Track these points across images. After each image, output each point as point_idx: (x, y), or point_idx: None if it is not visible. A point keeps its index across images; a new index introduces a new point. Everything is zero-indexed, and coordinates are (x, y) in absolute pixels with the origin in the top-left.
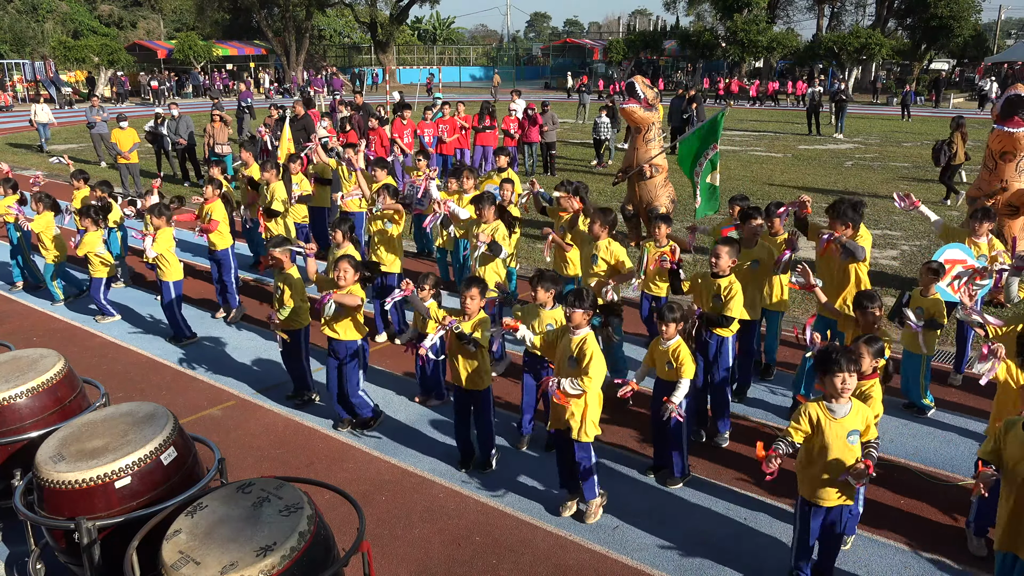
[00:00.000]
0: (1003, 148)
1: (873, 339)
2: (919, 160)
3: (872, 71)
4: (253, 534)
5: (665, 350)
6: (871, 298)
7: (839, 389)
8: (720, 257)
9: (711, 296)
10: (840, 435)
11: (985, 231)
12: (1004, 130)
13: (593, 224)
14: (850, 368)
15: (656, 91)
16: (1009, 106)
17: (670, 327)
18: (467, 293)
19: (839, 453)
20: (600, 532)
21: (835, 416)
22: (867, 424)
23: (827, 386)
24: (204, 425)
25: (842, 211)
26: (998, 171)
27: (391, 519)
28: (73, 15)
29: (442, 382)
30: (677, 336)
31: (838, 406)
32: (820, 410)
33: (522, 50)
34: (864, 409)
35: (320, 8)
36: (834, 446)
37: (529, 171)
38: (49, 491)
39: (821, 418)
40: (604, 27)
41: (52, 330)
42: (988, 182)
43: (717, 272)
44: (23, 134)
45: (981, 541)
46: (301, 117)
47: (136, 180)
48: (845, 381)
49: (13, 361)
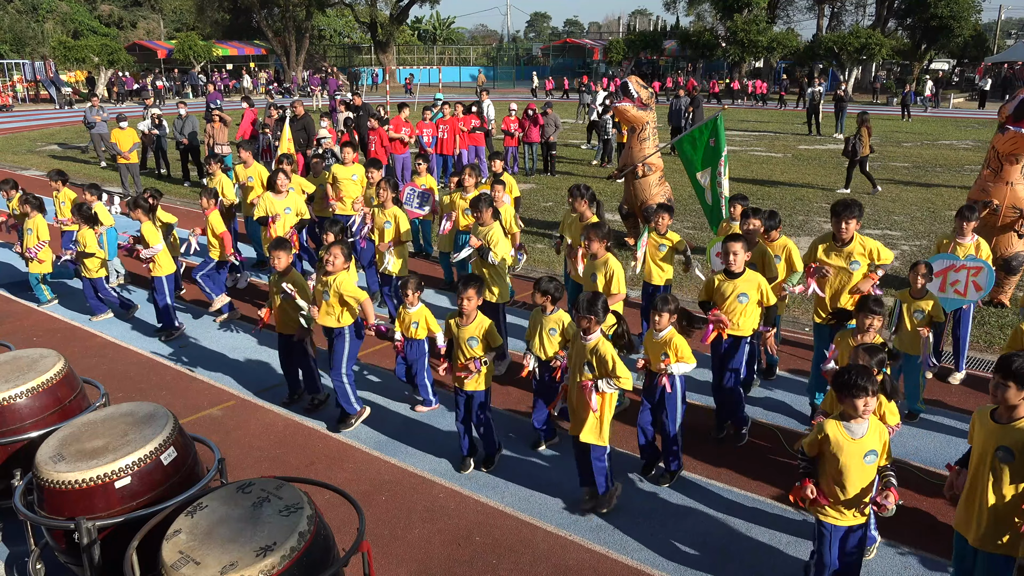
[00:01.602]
0: (1011, 150)
1: (874, 349)
2: (919, 160)
3: (872, 71)
4: (253, 534)
5: (659, 342)
6: (880, 303)
7: (861, 410)
8: (736, 254)
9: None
10: (858, 455)
11: (970, 230)
12: (1021, 132)
13: (591, 243)
14: (874, 390)
15: (651, 91)
16: (1022, 108)
17: (663, 317)
18: (464, 294)
19: (857, 473)
20: (600, 532)
21: (854, 436)
22: (884, 444)
23: (847, 408)
24: (204, 425)
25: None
26: (1003, 173)
27: (391, 519)
28: (73, 15)
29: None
30: (671, 327)
31: (856, 426)
32: (839, 430)
33: (522, 50)
34: (881, 428)
35: (320, 8)
36: (852, 466)
37: (530, 171)
38: (49, 491)
39: (839, 438)
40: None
41: (52, 330)
42: (993, 184)
43: (734, 271)
44: (24, 134)
45: None
46: (301, 117)
47: (136, 180)
48: (868, 403)
49: (13, 361)
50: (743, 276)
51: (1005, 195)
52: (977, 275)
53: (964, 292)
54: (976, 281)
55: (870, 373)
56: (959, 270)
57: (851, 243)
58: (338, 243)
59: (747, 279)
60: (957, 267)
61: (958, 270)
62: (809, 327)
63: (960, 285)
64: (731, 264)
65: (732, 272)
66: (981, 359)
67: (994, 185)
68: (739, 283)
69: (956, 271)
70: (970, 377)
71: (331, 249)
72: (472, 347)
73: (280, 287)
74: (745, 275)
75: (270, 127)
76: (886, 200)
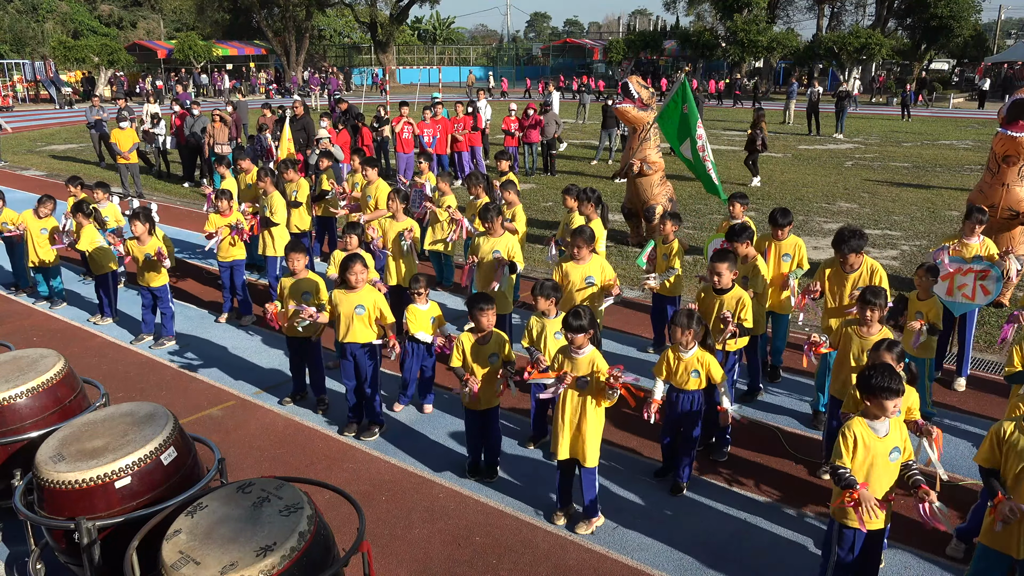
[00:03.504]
0: (1006, 152)
1: (893, 343)
2: (919, 160)
3: (872, 71)
4: (253, 534)
5: (688, 359)
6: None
7: (890, 411)
8: (721, 275)
9: (719, 310)
10: (884, 453)
11: (977, 231)
12: (1008, 134)
13: (580, 249)
14: (902, 390)
15: (652, 91)
16: (1015, 110)
17: (688, 335)
18: (486, 311)
19: (882, 472)
20: (600, 532)
21: (879, 435)
22: (904, 439)
23: (875, 408)
24: (204, 425)
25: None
26: (1000, 175)
27: (391, 519)
28: (73, 15)
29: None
30: (696, 345)
31: (880, 424)
32: (864, 429)
33: (522, 50)
34: (900, 424)
35: (320, 8)
36: (878, 465)
37: (530, 171)
38: (49, 491)
39: (866, 437)
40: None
41: (52, 330)
42: (990, 185)
43: (721, 288)
44: (24, 135)
45: (960, 545)
46: (301, 117)
47: (136, 180)
48: (897, 404)
49: (13, 361)
50: (730, 293)
51: (1001, 196)
52: (984, 278)
53: (972, 296)
54: (983, 285)
55: (896, 373)
56: (966, 273)
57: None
58: (359, 257)
59: (732, 296)
60: (964, 270)
61: (965, 273)
62: (809, 328)
63: (968, 289)
64: (716, 283)
65: (720, 290)
66: (982, 359)
67: (991, 186)
68: (726, 299)
69: (963, 274)
70: (971, 377)
71: (353, 266)
72: (492, 363)
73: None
74: (732, 291)
75: (269, 128)
76: (886, 200)
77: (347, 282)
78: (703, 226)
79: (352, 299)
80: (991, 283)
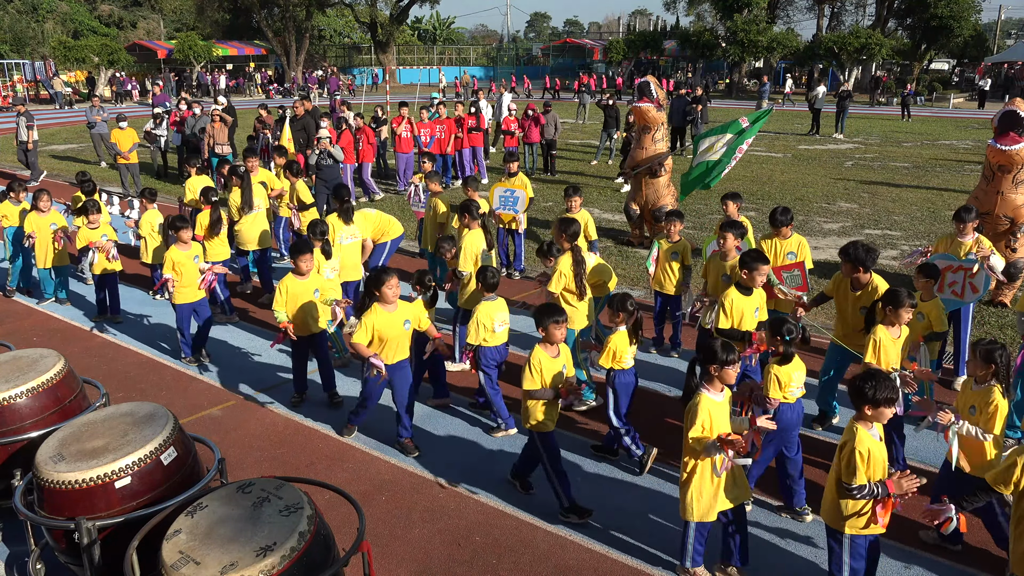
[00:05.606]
0: (1000, 162)
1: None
2: (919, 160)
3: (872, 71)
4: (253, 534)
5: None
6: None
7: (888, 417)
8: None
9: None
10: (883, 458)
11: (970, 229)
12: (997, 147)
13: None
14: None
15: (664, 92)
16: (1004, 122)
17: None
18: (560, 325)
19: (881, 474)
20: (600, 532)
21: (878, 439)
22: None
23: (876, 417)
24: (204, 425)
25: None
26: (995, 182)
27: (391, 519)
28: (73, 15)
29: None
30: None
31: (876, 430)
32: (871, 441)
33: (522, 50)
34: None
35: (320, 8)
36: (879, 470)
37: (530, 171)
38: (49, 491)
39: (871, 445)
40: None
41: (52, 330)
42: (986, 193)
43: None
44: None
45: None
46: (301, 117)
47: (136, 180)
48: (895, 410)
49: (13, 361)
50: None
51: (996, 204)
52: (974, 276)
53: (961, 294)
54: (972, 283)
55: (892, 381)
56: (956, 271)
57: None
58: (392, 271)
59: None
60: (955, 267)
61: (955, 271)
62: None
63: (958, 286)
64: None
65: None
66: None
67: (987, 194)
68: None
69: (954, 272)
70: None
71: (389, 280)
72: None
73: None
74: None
75: (270, 127)
76: (886, 200)
77: (378, 298)
78: (703, 226)
79: (397, 317)
80: (980, 281)
